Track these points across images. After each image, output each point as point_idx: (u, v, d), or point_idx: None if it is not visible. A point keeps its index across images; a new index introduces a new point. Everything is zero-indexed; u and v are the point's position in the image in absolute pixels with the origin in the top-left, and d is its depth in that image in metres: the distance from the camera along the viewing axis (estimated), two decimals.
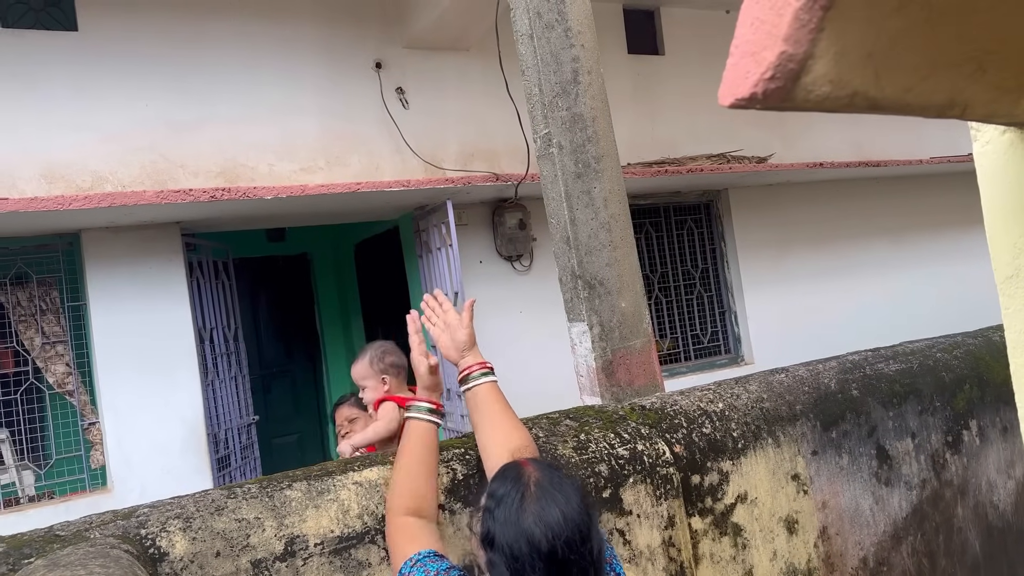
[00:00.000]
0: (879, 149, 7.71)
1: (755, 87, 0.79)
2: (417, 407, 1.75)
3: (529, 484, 1.28)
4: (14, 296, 4.56)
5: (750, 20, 0.80)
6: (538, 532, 1.22)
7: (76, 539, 1.52)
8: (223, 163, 4.90)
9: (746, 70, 0.80)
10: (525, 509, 1.25)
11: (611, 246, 2.68)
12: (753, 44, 0.79)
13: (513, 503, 1.26)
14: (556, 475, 1.33)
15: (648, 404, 2.22)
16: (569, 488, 1.30)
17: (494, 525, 1.28)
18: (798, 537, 2.25)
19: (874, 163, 7.13)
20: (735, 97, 0.82)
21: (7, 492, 4.42)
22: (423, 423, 1.73)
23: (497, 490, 1.31)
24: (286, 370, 7.82)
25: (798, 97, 0.80)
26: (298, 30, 5.26)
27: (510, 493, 1.28)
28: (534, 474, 1.31)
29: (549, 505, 1.25)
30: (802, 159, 6.96)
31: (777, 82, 0.78)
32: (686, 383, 5.75)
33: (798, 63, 0.77)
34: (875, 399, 2.48)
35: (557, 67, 2.62)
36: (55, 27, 4.58)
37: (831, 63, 0.78)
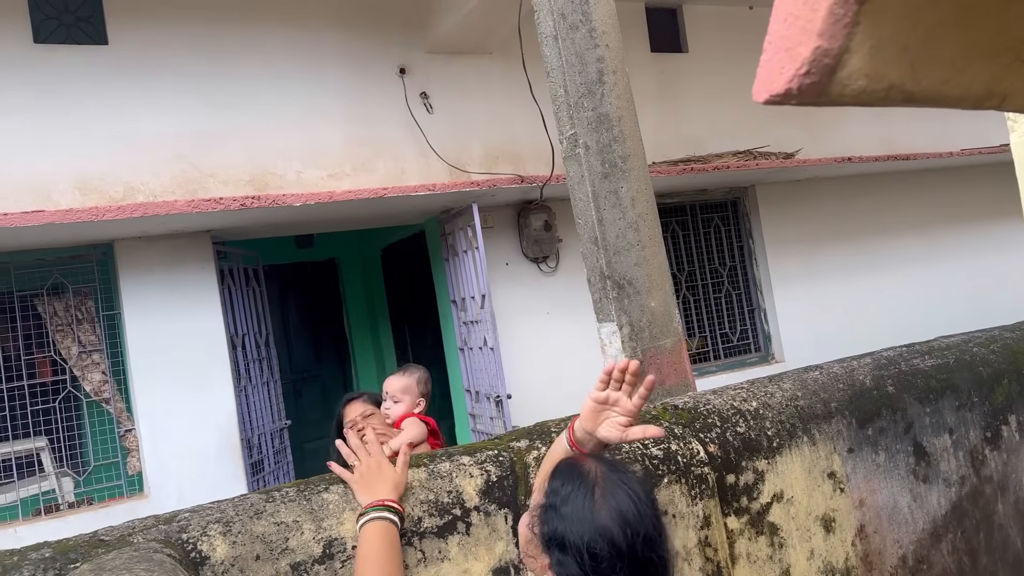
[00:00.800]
0: (908, 142, 7.61)
1: (790, 83, 0.79)
2: (370, 511, 1.58)
3: (597, 479, 1.20)
4: (51, 306, 4.65)
5: (783, 16, 0.79)
6: (616, 529, 1.14)
7: (120, 544, 1.55)
8: (252, 171, 4.96)
9: (780, 66, 0.79)
10: (597, 504, 1.16)
11: (639, 245, 2.67)
12: (787, 40, 0.79)
13: (583, 499, 1.18)
14: (619, 467, 1.27)
15: (681, 404, 2.21)
16: (634, 480, 1.23)
17: (562, 524, 1.19)
18: (835, 536, 2.23)
19: (903, 156, 7.04)
20: (770, 93, 0.82)
21: (47, 499, 4.51)
22: (376, 525, 1.56)
23: (561, 487, 1.23)
24: (316, 374, 7.90)
25: (834, 92, 0.79)
26: (323, 38, 5.32)
27: (577, 489, 1.20)
28: (599, 468, 1.23)
29: (622, 499, 1.17)
30: (830, 154, 6.89)
31: (812, 77, 0.77)
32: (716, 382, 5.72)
33: (833, 58, 0.76)
34: (911, 395, 2.45)
35: (582, 68, 2.62)
36: (86, 41, 4.67)
37: (866, 57, 0.78)
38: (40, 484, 4.49)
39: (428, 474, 1.81)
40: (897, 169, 7.59)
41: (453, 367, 6.06)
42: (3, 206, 4.24)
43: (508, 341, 5.54)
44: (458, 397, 6.05)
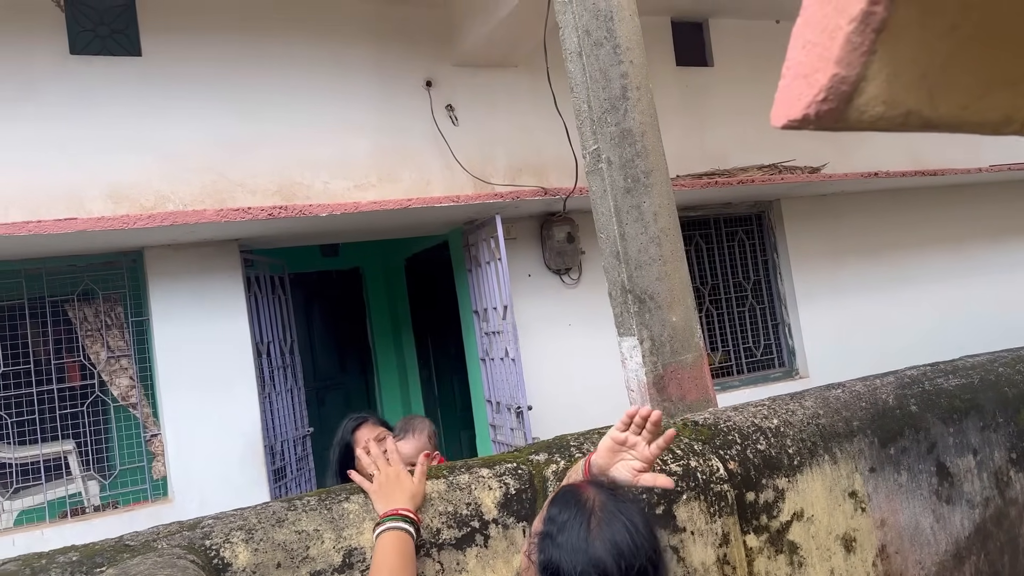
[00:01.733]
0: (936, 157, 7.53)
1: (807, 109, 0.80)
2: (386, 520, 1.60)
3: (594, 508, 1.19)
4: (81, 312, 4.74)
5: (801, 43, 0.80)
6: (610, 560, 1.13)
7: (145, 549, 1.58)
8: (280, 181, 5.03)
9: (798, 92, 0.81)
10: (592, 535, 1.15)
11: (661, 260, 2.68)
12: (805, 66, 0.80)
13: (579, 528, 1.17)
14: (618, 497, 1.25)
15: (701, 420, 2.21)
16: (634, 510, 1.21)
17: (557, 552, 1.18)
18: (856, 556, 2.21)
19: (931, 172, 6.97)
20: (788, 118, 0.83)
21: (74, 501, 4.58)
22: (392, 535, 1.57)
23: (558, 515, 1.22)
24: (339, 383, 7.96)
25: (851, 118, 0.80)
26: (351, 51, 5.39)
27: (574, 518, 1.19)
28: (597, 497, 1.22)
29: (619, 530, 1.15)
30: (857, 169, 6.85)
31: (830, 104, 0.78)
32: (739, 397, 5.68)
33: (851, 85, 0.77)
34: (935, 415, 2.43)
35: (606, 83, 2.64)
36: (120, 53, 4.77)
37: (884, 84, 0.78)
38: (67, 487, 4.57)
39: (447, 485, 1.82)
40: (925, 185, 7.52)
41: (474, 377, 6.08)
42: (37, 213, 4.33)
43: (529, 352, 5.55)
44: (479, 408, 6.07)
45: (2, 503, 4.42)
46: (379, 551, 1.58)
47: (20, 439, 4.54)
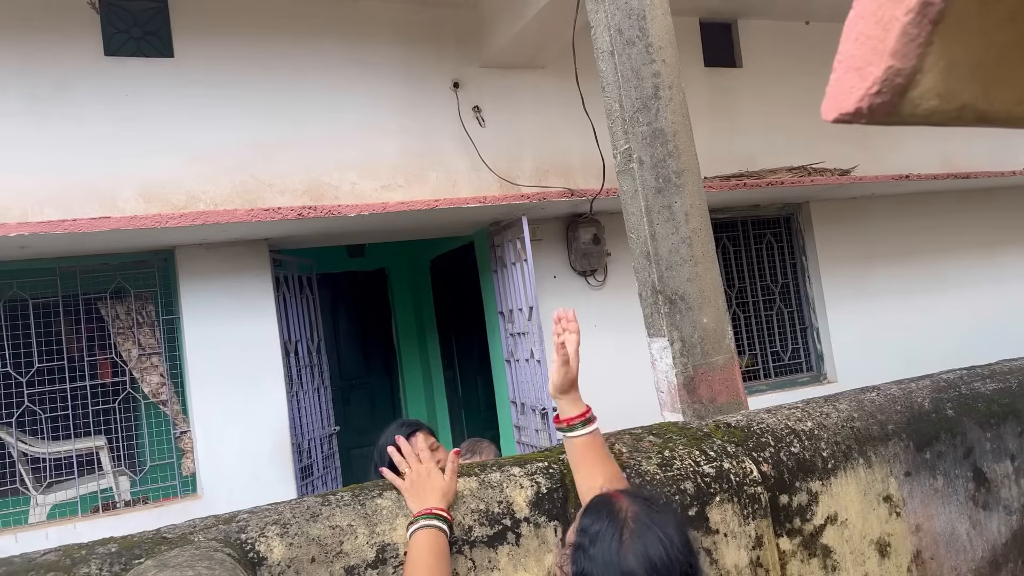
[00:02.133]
0: (967, 160, 7.42)
1: (860, 102, 0.79)
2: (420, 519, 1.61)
3: (627, 519, 1.18)
4: (113, 310, 4.80)
5: (854, 36, 0.79)
6: (642, 572, 1.12)
7: (182, 541, 1.60)
8: (308, 182, 5.07)
9: (851, 85, 0.79)
10: (625, 547, 1.14)
11: (692, 261, 2.66)
12: (858, 59, 0.79)
13: (611, 541, 1.15)
14: (653, 507, 1.23)
15: (733, 422, 2.19)
16: (669, 521, 1.19)
17: (590, 565, 1.17)
18: (890, 560, 2.18)
19: (963, 175, 6.87)
20: (840, 112, 0.82)
21: (105, 497, 4.64)
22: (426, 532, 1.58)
23: (591, 526, 1.21)
24: (364, 382, 8.00)
25: (904, 112, 0.79)
26: (379, 53, 5.42)
27: (606, 530, 1.18)
28: (631, 508, 1.20)
29: (652, 542, 1.14)
30: (887, 171, 6.76)
31: (883, 97, 0.77)
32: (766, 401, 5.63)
33: (905, 78, 0.76)
34: (971, 419, 2.39)
35: (638, 83, 2.63)
36: (153, 54, 4.84)
37: (939, 77, 0.77)
38: (98, 482, 4.63)
39: (479, 483, 1.82)
40: (956, 188, 7.41)
41: (499, 378, 6.08)
42: (71, 212, 4.40)
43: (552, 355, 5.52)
44: (503, 409, 6.07)
45: (36, 497, 4.49)
46: (413, 549, 1.58)
47: (53, 434, 4.61)
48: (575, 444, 1.69)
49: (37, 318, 4.60)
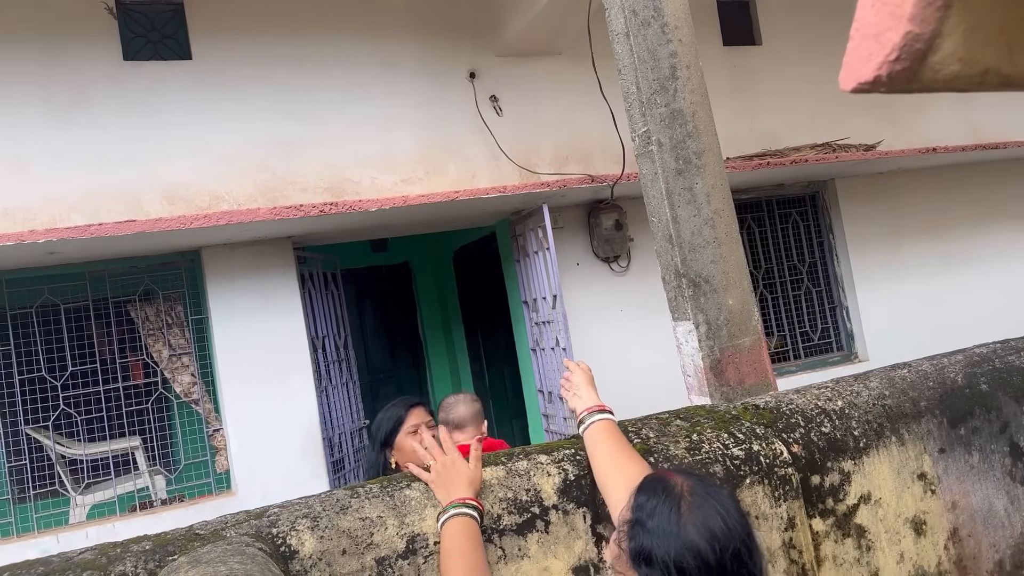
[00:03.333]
0: (996, 130, 7.26)
1: (879, 69, 0.76)
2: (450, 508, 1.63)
3: (684, 493, 1.18)
4: (143, 312, 4.87)
5: (871, 1, 0.77)
6: (704, 544, 1.12)
7: (214, 537, 1.61)
8: (330, 178, 5.09)
9: (868, 52, 0.77)
10: (684, 519, 1.14)
11: (715, 242, 2.63)
12: (876, 26, 0.77)
13: (670, 513, 1.15)
14: (707, 482, 1.23)
15: (762, 403, 2.17)
16: (724, 495, 1.20)
17: (649, 539, 1.17)
18: (926, 539, 2.15)
19: (991, 145, 6.73)
20: (858, 81, 0.80)
21: (142, 496, 4.72)
22: (459, 520, 1.60)
23: (647, 502, 1.21)
24: (392, 375, 8.04)
25: (925, 78, 0.76)
26: (396, 47, 5.41)
27: (663, 503, 1.17)
28: (684, 483, 1.20)
29: (711, 515, 1.14)
30: (913, 145, 6.64)
31: (903, 63, 0.75)
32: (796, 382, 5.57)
33: (925, 43, 0.74)
34: (1006, 393, 2.34)
35: (654, 64, 2.60)
36: (171, 57, 4.87)
37: (960, 41, 0.75)
38: (135, 481, 4.71)
39: (506, 472, 1.82)
40: (986, 159, 7.26)
41: (525, 368, 6.08)
42: (97, 216, 4.46)
43: (580, 341, 5.53)
44: (531, 397, 6.07)
45: (75, 498, 4.58)
46: (447, 537, 1.60)
47: (89, 436, 4.69)
48: (589, 434, 1.75)
49: (69, 322, 4.67)
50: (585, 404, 1.81)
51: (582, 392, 1.85)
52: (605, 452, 1.67)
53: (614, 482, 1.60)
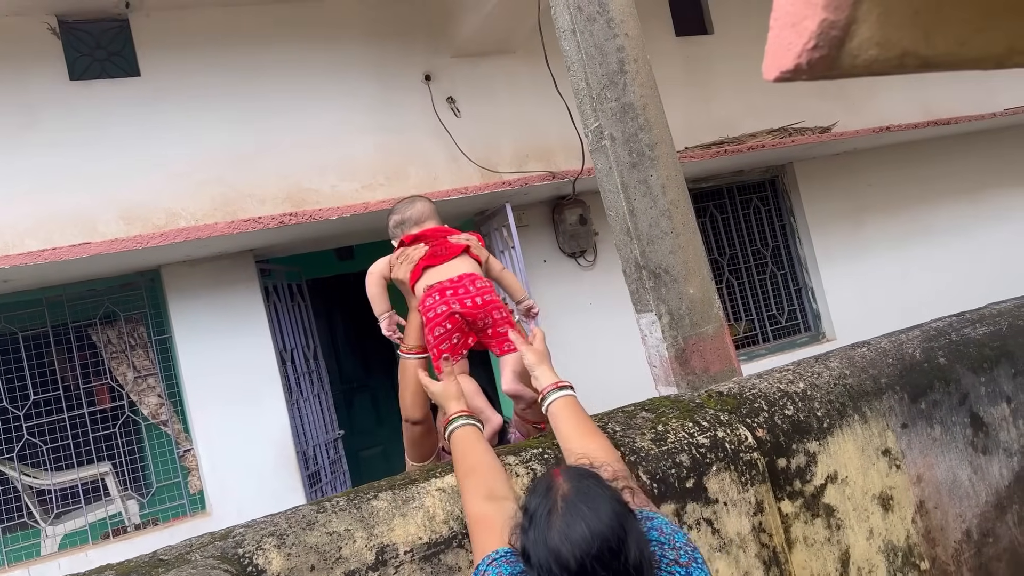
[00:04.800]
0: (947, 106, 7.39)
1: (799, 58, 0.77)
2: (455, 420, 1.81)
3: (556, 499, 1.26)
4: (104, 335, 4.78)
5: None
6: (565, 550, 1.20)
7: (179, 562, 1.59)
8: (288, 188, 5.04)
9: (788, 42, 0.78)
10: (551, 526, 1.23)
11: (673, 233, 2.65)
12: (793, 15, 0.77)
13: (541, 520, 1.24)
14: (588, 485, 1.28)
15: (725, 390, 2.18)
16: (599, 499, 1.25)
17: (527, 543, 1.26)
18: (894, 514, 2.18)
19: (943, 121, 6.85)
20: (780, 70, 0.80)
21: (115, 522, 4.64)
22: (461, 429, 1.79)
23: (528, 505, 1.30)
24: (365, 384, 7.98)
25: (844, 64, 0.77)
26: (348, 52, 5.37)
27: (539, 509, 1.27)
28: (563, 487, 1.28)
29: (575, 521, 1.21)
30: (867, 124, 6.74)
31: (821, 51, 0.76)
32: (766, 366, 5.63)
33: (841, 29, 0.74)
34: (964, 365, 2.39)
35: (602, 59, 2.61)
36: (119, 74, 4.79)
37: (876, 25, 0.76)
38: (107, 508, 4.62)
39: None
40: (938, 135, 7.39)
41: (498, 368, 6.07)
42: (51, 240, 4.37)
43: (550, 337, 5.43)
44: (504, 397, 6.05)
45: (45, 529, 4.49)
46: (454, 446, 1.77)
47: (56, 464, 4.60)
48: (551, 413, 1.82)
49: (28, 350, 4.58)
50: (545, 382, 1.86)
51: (538, 372, 1.90)
52: (566, 430, 1.76)
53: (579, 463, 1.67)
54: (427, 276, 2.14)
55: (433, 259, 2.15)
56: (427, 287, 2.11)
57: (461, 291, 2.08)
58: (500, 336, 2.11)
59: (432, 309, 2.08)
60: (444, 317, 2.06)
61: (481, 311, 2.07)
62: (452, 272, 2.12)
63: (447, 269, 2.13)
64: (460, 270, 2.13)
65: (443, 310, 2.06)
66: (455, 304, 2.05)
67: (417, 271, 2.16)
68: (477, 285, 2.10)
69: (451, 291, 2.07)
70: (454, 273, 2.11)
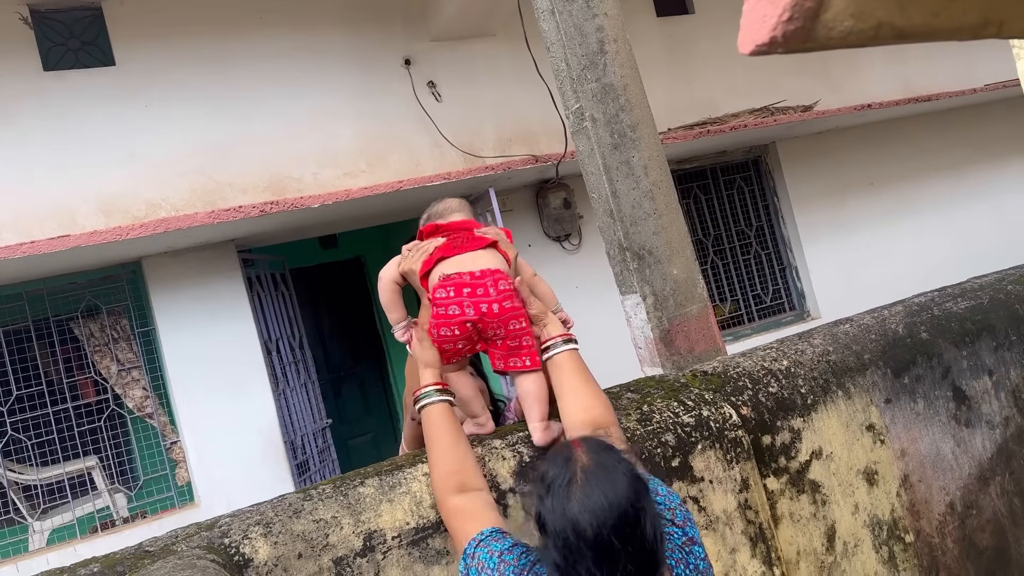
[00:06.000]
0: (929, 83, 7.41)
1: (774, 31, 0.77)
2: (425, 394, 1.75)
3: (576, 470, 1.27)
4: (87, 328, 4.74)
5: None
6: (583, 520, 1.22)
7: (164, 553, 1.58)
8: (269, 177, 4.99)
9: (762, 15, 0.77)
10: (571, 496, 1.24)
11: (656, 214, 2.64)
12: None
13: (561, 489, 1.26)
14: (607, 458, 1.30)
15: (710, 369, 2.19)
16: (618, 472, 1.27)
17: (544, 510, 1.28)
18: (879, 488, 2.20)
19: (924, 98, 6.88)
20: (755, 44, 0.80)
21: (103, 516, 4.62)
22: (434, 407, 1.73)
23: (547, 473, 1.31)
24: (353, 372, 7.97)
25: (820, 35, 0.77)
26: (326, 38, 5.31)
27: (558, 478, 1.28)
28: (583, 458, 1.29)
29: (594, 492, 1.23)
30: (849, 102, 6.75)
31: (796, 23, 0.75)
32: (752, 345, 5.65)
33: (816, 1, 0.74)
34: (946, 339, 2.40)
35: (582, 39, 2.59)
36: (94, 64, 4.72)
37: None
38: (94, 502, 4.60)
39: None
40: (920, 112, 7.42)
41: None
42: (30, 234, 4.31)
43: None
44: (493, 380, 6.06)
45: (32, 524, 4.46)
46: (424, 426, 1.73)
47: (42, 460, 4.57)
48: (553, 364, 1.78)
49: (10, 345, 4.53)
50: (552, 332, 1.81)
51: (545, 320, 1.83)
52: (569, 385, 1.74)
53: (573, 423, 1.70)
54: (442, 266, 1.84)
55: (450, 250, 1.86)
56: (443, 276, 1.81)
57: (480, 291, 1.77)
58: (511, 349, 1.81)
59: (443, 304, 1.79)
60: (455, 322, 1.78)
61: (496, 320, 1.77)
62: (473, 265, 1.82)
63: (467, 260, 1.83)
64: (483, 264, 1.82)
65: (455, 312, 1.78)
66: (469, 309, 1.76)
67: (430, 261, 1.86)
68: (500, 287, 1.78)
69: (468, 288, 1.78)
70: (475, 267, 1.81)
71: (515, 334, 1.80)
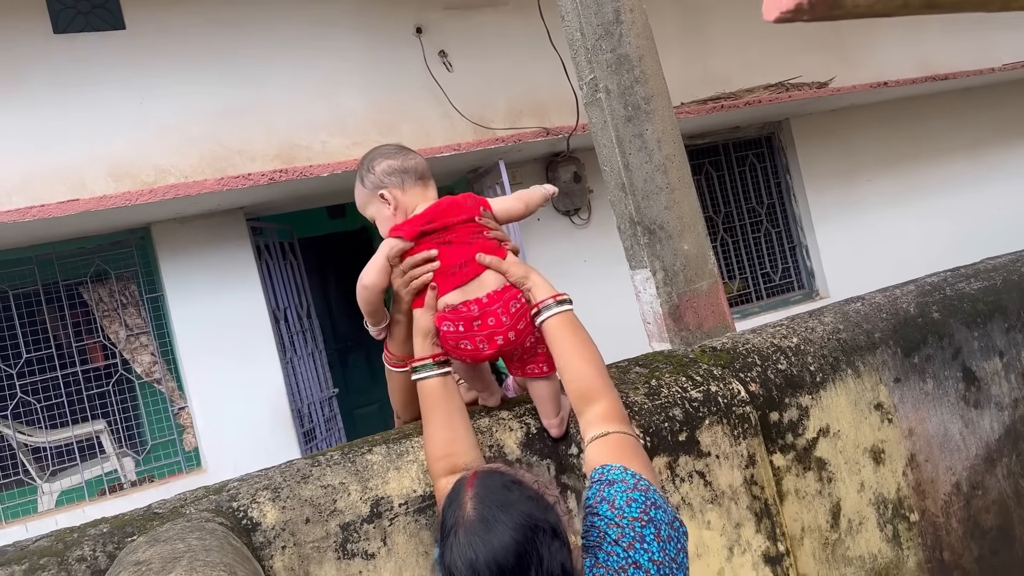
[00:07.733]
0: (945, 61, 7.31)
1: None
2: (420, 368, 1.64)
3: (460, 516, 1.22)
4: (96, 293, 4.76)
5: None
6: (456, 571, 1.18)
7: (173, 516, 1.59)
8: (278, 145, 4.97)
9: None
10: (452, 544, 1.20)
11: (668, 188, 2.62)
12: None
13: (449, 533, 1.22)
14: (496, 501, 1.21)
15: (719, 345, 2.18)
16: (502, 523, 1.18)
17: (438, 550, 1.25)
18: (885, 467, 2.20)
19: (941, 76, 6.78)
20: (780, 10, 0.78)
21: (111, 479, 4.67)
22: (427, 381, 1.64)
23: (444, 512, 1.27)
24: (360, 342, 7.99)
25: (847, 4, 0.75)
26: (338, 5, 5.26)
27: (447, 520, 1.24)
28: (469, 503, 1.22)
29: (473, 541, 1.17)
30: (865, 80, 6.66)
31: None
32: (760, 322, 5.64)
33: None
34: (957, 320, 2.39)
35: (597, 8, 2.55)
36: (104, 27, 4.69)
37: None
38: (103, 465, 4.65)
39: None
40: (937, 91, 7.32)
41: None
42: (39, 198, 4.31)
43: None
44: None
45: (42, 486, 4.52)
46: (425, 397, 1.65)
47: (51, 423, 4.61)
48: (547, 328, 1.63)
49: (19, 308, 4.55)
50: (542, 294, 1.63)
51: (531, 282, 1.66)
52: (563, 351, 1.60)
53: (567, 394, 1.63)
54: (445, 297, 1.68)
55: (450, 283, 1.67)
56: (447, 306, 1.65)
57: (491, 321, 1.62)
58: (527, 360, 1.70)
59: (452, 339, 1.65)
60: (467, 356, 1.67)
61: (512, 346, 1.65)
62: (480, 290, 1.65)
63: (473, 287, 1.66)
64: (489, 286, 1.65)
65: (467, 348, 1.64)
66: (483, 344, 1.62)
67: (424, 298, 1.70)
68: (511, 309, 1.63)
69: (479, 321, 1.62)
70: (482, 292, 1.65)
71: (531, 348, 1.69)
